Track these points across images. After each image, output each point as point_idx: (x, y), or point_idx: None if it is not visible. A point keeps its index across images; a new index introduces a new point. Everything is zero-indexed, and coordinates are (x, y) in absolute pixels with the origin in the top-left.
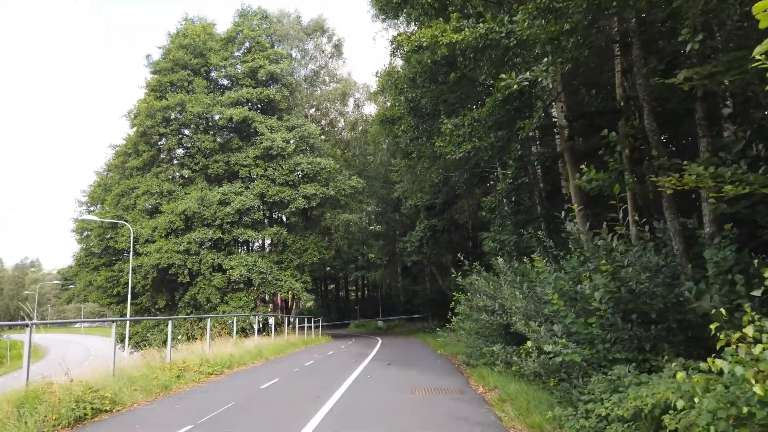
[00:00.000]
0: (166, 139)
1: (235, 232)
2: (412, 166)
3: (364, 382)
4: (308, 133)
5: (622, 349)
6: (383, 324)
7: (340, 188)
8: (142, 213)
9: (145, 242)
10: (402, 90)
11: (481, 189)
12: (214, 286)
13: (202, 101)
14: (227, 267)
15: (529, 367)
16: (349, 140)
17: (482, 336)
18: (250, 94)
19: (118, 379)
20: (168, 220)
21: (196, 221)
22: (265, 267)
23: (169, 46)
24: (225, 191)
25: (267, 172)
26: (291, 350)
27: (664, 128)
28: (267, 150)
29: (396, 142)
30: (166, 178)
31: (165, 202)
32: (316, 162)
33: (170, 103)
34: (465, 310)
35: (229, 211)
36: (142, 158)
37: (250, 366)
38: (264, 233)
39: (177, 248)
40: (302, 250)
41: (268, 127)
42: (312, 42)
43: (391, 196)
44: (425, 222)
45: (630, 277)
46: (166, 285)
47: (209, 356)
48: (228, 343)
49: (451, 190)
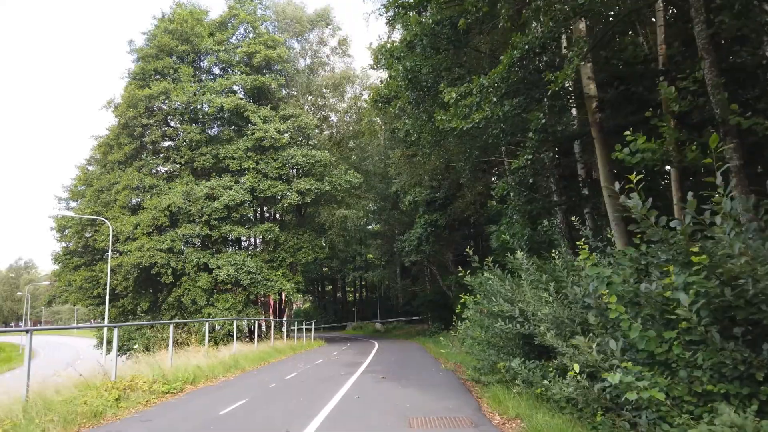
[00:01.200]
0: (149, 131)
1: (224, 229)
2: (410, 156)
3: (350, 405)
4: (304, 124)
5: (720, 379)
6: (381, 326)
7: (336, 183)
8: (122, 209)
9: (126, 240)
10: (400, 58)
11: (487, 179)
12: (200, 287)
13: (187, 89)
14: (214, 266)
15: (562, 392)
16: (344, 132)
17: (495, 347)
18: (244, 81)
19: (32, 405)
20: (151, 216)
21: (181, 217)
22: (254, 266)
23: (153, 31)
24: (213, 185)
25: (258, 165)
26: (275, 358)
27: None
28: (259, 141)
29: (393, 130)
30: (149, 172)
31: (147, 197)
32: (311, 155)
33: (153, 91)
34: (474, 315)
35: (217, 206)
36: (123, 151)
37: (221, 380)
38: (254, 230)
39: (160, 246)
40: (295, 248)
41: (261, 117)
42: (315, 33)
43: (389, 191)
44: (425, 218)
45: (741, 273)
46: (149, 286)
47: (170, 370)
48: (199, 352)
49: (452, 183)
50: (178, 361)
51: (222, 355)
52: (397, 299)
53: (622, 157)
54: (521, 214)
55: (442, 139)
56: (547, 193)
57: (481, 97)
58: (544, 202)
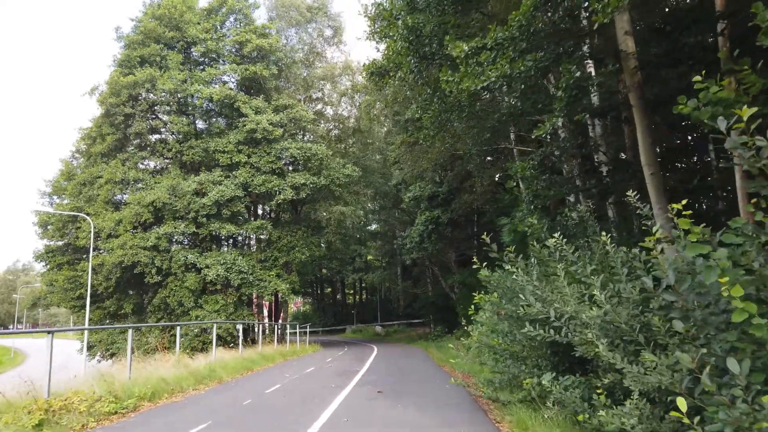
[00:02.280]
0: (133, 121)
1: (212, 227)
2: (412, 144)
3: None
4: (299, 116)
5: None
6: (382, 330)
7: (333, 177)
8: (106, 205)
9: (108, 237)
10: (399, 17)
11: (500, 165)
12: (187, 287)
13: (174, 77)
14: (202, 266)
15: (618, 422)
16: (343, 127)
17: (517, 358)
18: (234, 70)
19: None
20: (134, 212)
21: (166, 214)
22: (246, 266)
23: (141, 18)
24: (202, 180)
25: (251, 159)
26: (261, 366)
27: None
28: (251, 134)
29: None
30: (134, 166)
31: (131, 192)
32: (307, 147)
33: (138, 78)
34: (490, 318)
35: (206, 202)
36: (106, 142)
37: (189, 395)
38: (246, 228)
39: (144, 244)
40: (290, 246)
41: (252, 108)
42: (313, 24)
43: (389, 187)
44: (426, 214)
45: None
46: (133, 287)
47: (126, 384)
48: (168, 361)
49: (456, 177)
50: (140, 373)
51: (197, 364)
52: (398, 301)
53: (687, 111)
54: (540, 199)
55: (449, 116)
56: (570, 177)
57: (497, 53)
58: (568, 187)
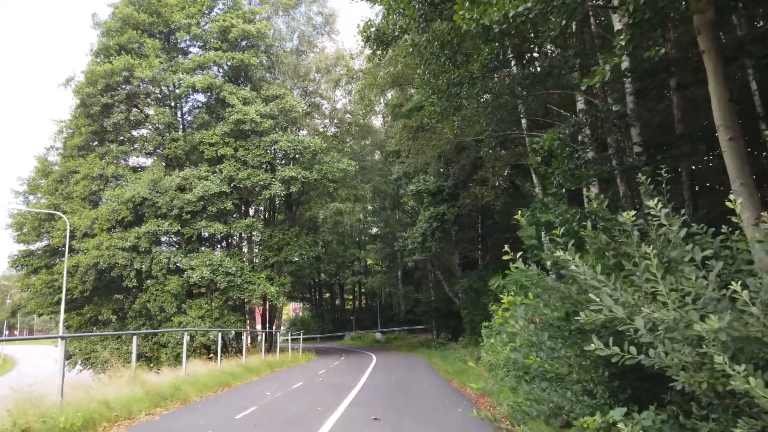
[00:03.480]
0: (111, 113)
1: (198, 225)
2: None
3: None
4: (290, 106)
5: None
6: (382, 336)
7: (327, 171)
8: (83, 202)
9: (84, 237)
10: None
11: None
12: (170, 291)
13: (154, 66)
14: (186, 267)
15: None
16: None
17: (562, 382)
18: (219, 57)
19: None
20: (111, 209)
21: (147, 212)
22: (233, 267)
23: (118, 3)
24: (186, 175)
25: (238, 152)
26: (241, 381)
27: None
28: (238, 125)
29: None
30: (113, 160)
31: (110, 188)
32: (299, 140)
33: (115, 67)
34: (524, 328)
35: (191, 198)
36: (82, 135)
37: (138, 421)
38: (234, 226)
39: (122, 244)
40: (280, 246)
41: (240, 98)
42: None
43: (388, 184)
44: (431, 210)
45: None
46: (112, 291)
47: (51, 409)
48: (122, 377)
49: (462, 170)
50: (78, 394)
51: (161, 380)
52: (399, 306)
53: None
54: (574, 180)
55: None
56: (610, 154)
57: None
58: (610, 166)
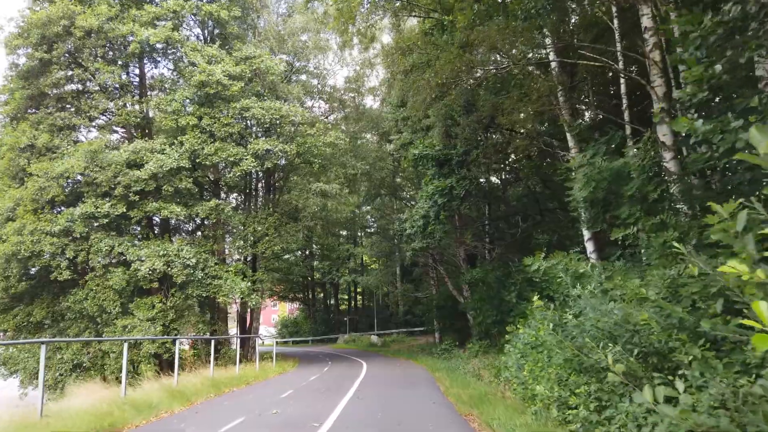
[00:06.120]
0: (48, 71)
1: (149, 207)
2: (408, 72)
3: None
4: (266, 67)
5: None
6: (378, 339)
7: (310, 146)
8: (11, 181)
9: (7, 221)
10: None
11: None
12: (112, 287)
13: (100, 13)
14: (133, 258)
15: None
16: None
17: None
18: (181, 7)
19: None
20: (38, 186)
21: (87, 190)
22: (193, 258)
23: None
24: (136, 148)
25: (202, 121)
26: (165, 410)
27: None
28: (201, 88)
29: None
30: (49, 128)
31: (45, 161)
32: (275, 107)
33: (51, 14)
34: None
35: (141, 175)
36: (16, 101)
37: None
38: (196, 209)
39: (50, 228)
40: (258, 237)
41: (204, 56)
42: None
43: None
44: (435, 183)
45: None
46: (45, 288)
47: None
48: None
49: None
50: None
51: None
52: (397, 306)
53: None
54: None
55: None
56: None
57: None
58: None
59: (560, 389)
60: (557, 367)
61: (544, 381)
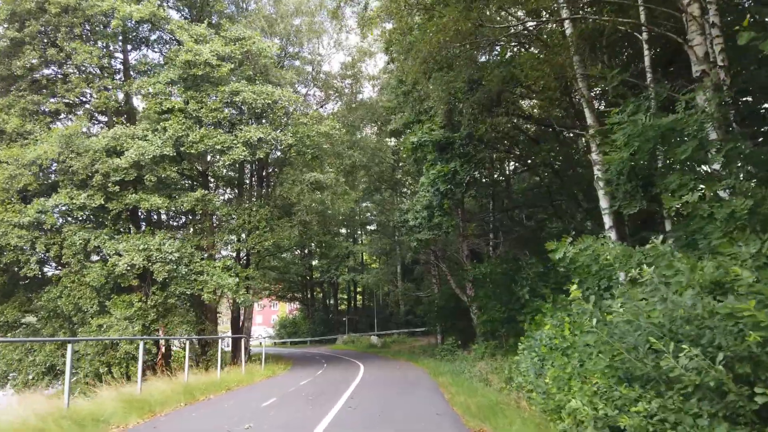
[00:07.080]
0: (20, 52)
1: (129, 199)
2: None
3: None
4: (258, 50)
5: None
6: (378, 340)
7: (304, 135)
8: None
9: None
10: None
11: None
12: (89, 284)
13: None
14: (110, 252)
15: None
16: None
17: None
18: None
19: None
20: (7, 174)
21: (63, 179)
22: (176, 252)
23: None
24: (116, 134)
25: (189, 106)
26: (123, 423)
27: None
28: (187, 69)
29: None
30: (20, 112)
31: (15, 147)
32: (268, 92)
33: None
34: None
35: (121, 164)
36: None
37: None
38: (180, 201)
39: (18, 220)
40: (248, 231)
41: (191, 35)
42: None
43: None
44: (437, 168)
45: None
46: (15, 285)
47: None
48: None
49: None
50: None
51: None
52: (397, 306)
53: None
54: None
55: None
56: None
57: None
58: None
59: (606, 406)
60: (597, 375)
61: (579, 392)
